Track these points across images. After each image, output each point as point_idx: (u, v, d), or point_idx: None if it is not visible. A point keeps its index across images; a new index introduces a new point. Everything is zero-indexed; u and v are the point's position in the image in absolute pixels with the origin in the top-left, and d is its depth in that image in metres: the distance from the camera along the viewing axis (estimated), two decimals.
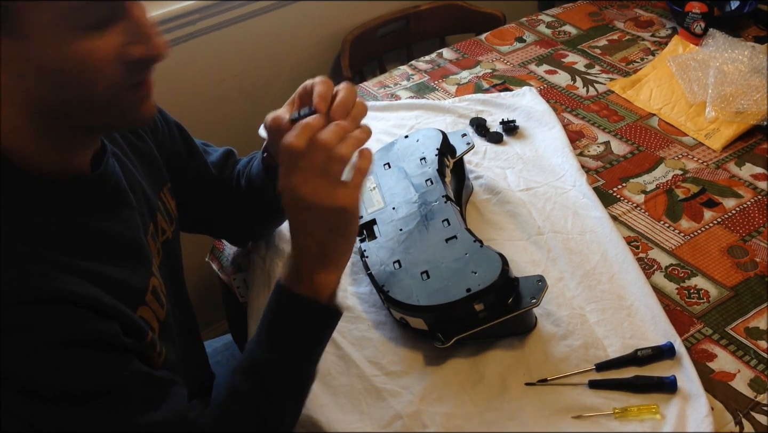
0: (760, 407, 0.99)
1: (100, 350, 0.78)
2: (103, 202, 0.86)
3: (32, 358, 0.74)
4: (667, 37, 1.78)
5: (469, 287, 1.01)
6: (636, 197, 1.34)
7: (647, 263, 1.21)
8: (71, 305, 0.75)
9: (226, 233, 1.27)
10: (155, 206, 0.99)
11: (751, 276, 1.18)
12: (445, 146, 1.26)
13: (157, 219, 0.99)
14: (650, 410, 0.97)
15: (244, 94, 2.03)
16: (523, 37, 1.84)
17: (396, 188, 1.22)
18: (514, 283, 1.03)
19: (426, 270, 1.06)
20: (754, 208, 1.30)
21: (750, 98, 1.48)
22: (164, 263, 0.98)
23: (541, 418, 0.98)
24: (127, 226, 0.89)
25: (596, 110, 1.56)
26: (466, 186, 1.32)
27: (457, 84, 1.67)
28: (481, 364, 1.04)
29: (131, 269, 0.86)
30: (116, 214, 0.88)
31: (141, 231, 0.91)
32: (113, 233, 0.86)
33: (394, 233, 1.15)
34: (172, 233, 1.03)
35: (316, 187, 0.85)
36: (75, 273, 0.77)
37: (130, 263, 0.87)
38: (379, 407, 1.00)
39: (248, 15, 1.92)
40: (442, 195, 1.17)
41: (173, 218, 1.05)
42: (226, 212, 1.18)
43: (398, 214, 1.17)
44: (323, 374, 1.04)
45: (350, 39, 2.10)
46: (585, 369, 1.03)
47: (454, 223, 1.12)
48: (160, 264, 0.96)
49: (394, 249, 1.12)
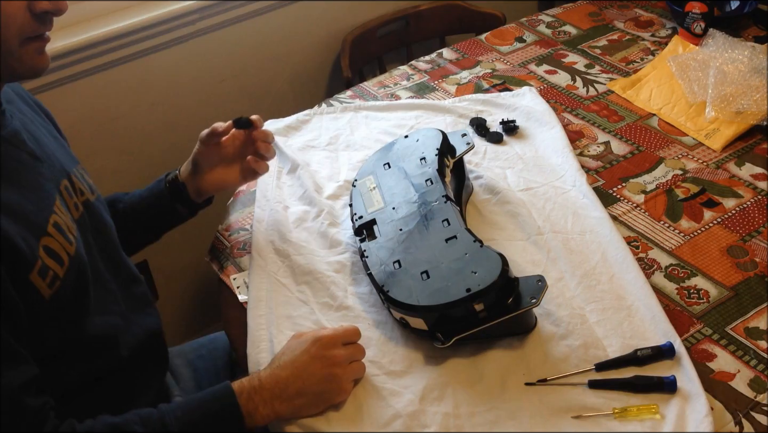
0: (760, 407, 0.99)
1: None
2: (1, 141, 0.97)
3: None
4: (667, 37, 1.78)
5: (469, 287, 1.01)
6: (636, 197, 1.34)
7: (647, 263, 1.21)
8: None
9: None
10: (69, 170, 1.09)
11: (751, 276, 1.18)
12: (445, 146, 1.27)
13: (71, 178, 1.09)
14: (650, 410, 0.97)
15: (244, 94, 2.03)
16: (523, 37, 1.84)
17: (396, 188, 1.22)
18: (514, 283, 1.03)
19: (426, 270, 1.06)
20: (754, 208, 1.30)
21: (750, 98, 1.48)
22: (86, 220, 1.09)
23: (540, 418, 0.98)
24: (26, 168, 0.99)
25: (596, 110, 1.56)
26: (466, 186, 1.32)
27: (457, 84, 1.67)
28: (481, 364, 1.04)
29: (30, 201, 0.96)
30: (13, 155, 0.98)
31: (43, 177, 1.01)
32: (11, 167, 0.96)
33: (394, 232, 1.15)
34: (95, 199, 1.14)
35: (346, 368, 1.01)
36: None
37: (29, 195, 0.97)
38: (379, 406, 1.00)
39: (248, 15, 1.92)
40: (442, 195, 1.17)
41: (93, 189, 1.15)
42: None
43: (398, 214, 1.17)
44: None
45: (350, 39, 2.10)
46: (585, 369, 1.03)
47: (454, 223, 1.12)
48: (79, 218, 1.07)
49: (394, 249, 1.12)
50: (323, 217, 1.30)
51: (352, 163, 1.42)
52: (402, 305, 1.04)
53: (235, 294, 1.23)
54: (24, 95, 1.13)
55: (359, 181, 1.29)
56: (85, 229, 1.08)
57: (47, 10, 0.92)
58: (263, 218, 1.33)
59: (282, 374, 1.00)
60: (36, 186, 1.00)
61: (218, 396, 0.99)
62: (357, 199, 1.25)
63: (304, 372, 0.99)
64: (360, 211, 1.22)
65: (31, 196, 0.97)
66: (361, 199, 1.24)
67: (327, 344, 1.01)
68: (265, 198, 1.37)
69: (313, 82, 2.15)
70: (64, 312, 0.98)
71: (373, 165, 1.31)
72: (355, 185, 1.29)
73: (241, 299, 1.21)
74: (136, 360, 1.11)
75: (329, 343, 1.01)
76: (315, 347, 1.00)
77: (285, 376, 0.99)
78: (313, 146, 1.48)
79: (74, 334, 1.01)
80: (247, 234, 1.33)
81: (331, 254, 1.24)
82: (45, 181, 1.02)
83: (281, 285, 1.19)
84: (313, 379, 0.99)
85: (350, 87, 1.73)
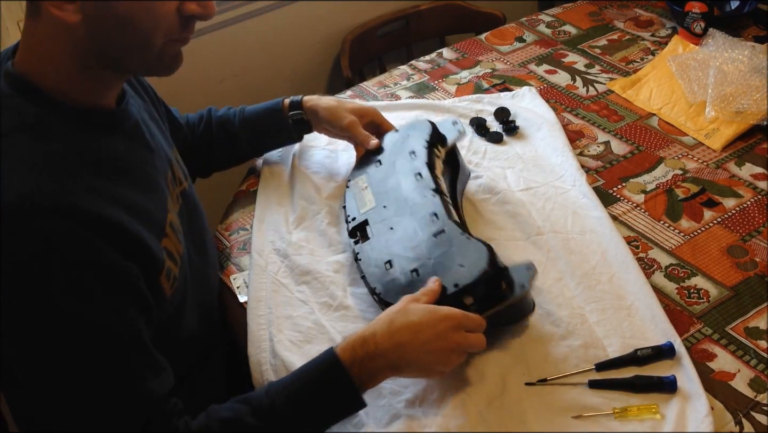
0: (760, 407, 0.99)
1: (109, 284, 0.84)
2: (125, 136, 0.97)
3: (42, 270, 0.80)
4: (667, 36, 1.78)
5: (456, 282, 1.00)
6: (636, 197, 1.34)
7: (647, 262, 1.21)
8: (100, 237, 0.83)
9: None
10: (170, 157, 1.10)
11: (751, 276, 1.18)
12: (434, 137, 1.25)
13: (173, 168, 1.09)
14: (650, 410, 0.97)
15: (244, 94, 2.03)
16: (523, 36, 1.84)
17: (387, 186, 1.21)
18: (503, 273, 1.01)
19: (416, 268, 1.05)
20: (754, 208, 1.30)
21: (750, 98, 1.48)
22: (183, 211, 1.09)
23: (541, 418, 0.98)
24: (147, 163, 1.00)
25: (596, 110, 1.56)
26: (461, 173, 1.30)
27: (457, 84, 1.67)
28: (481, 364, 1.04)
29: (152, 201, 0.97)
30: (136, 150, 0.99)
31: (158, 172, 1.02)
32: (135, 165, 0.97)
33: (385, 231, 1.14)
34: (188, 186, 1.15)
35: (460, 341, 0.96)
36: (104, 195, 0.86)
37: (151, 195, 0.98)
38: (379, 406, 1.00)
39: (248, 15, 1.93)
40: (431, 188, 1.15)
41: (186, 174, 1.16)
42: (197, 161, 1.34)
43: (389, 212, 1.16)
44: None
45: (350, 39, 2.10)
46: (585, 369, 1.03)
47: (442, 216, 1.10)
48: (179, 211, 1.07)
49: (385, 249, 1.11)
50: (323, 217, 1.30)
51: (352, 164, 1.42)
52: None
53: (235, 294, 1.23)
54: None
55: (352, 182, 1.28)
56: (183, 220, 1.08)
57: (195, 14, 0.91)
58: (263, 218, 1.33)
59: (402, 339, 0.95)
60: (154, 184, 1.00)
61: (325, 369, 0.94)
62: (350, 200, 1.24)
63: (424, 347, 0.95)
64: (353, 212, 1.21)
65: (152, 196, 0.98)
66: (354, 200, 1.23)
67: (456, 326, 0.96)
68: (265, 198, 1.37)
69: (313, 82, 2.15)
70: (173, 312, 0.99)
71: (366, 164, 1.30)
72: (348, 186, 1.28)
73: (241, 299, 1.21)
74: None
75: (458, 325, 0.96)
76: (444, 325, 0.95)
77: (405, 341, 0.95)
78: (312, 146, 1.48)
79: (173, 331, 1.01)
80: (247, 234, 1.33)
81: (331, 254, 1.24)
82: (159, 177, 1.02)
83: (281, 285, 1.19)
84: (430, 358, 0.95)
85: (350, 87, 1.73)
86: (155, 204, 0.97)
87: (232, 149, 1.38)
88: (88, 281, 0.83)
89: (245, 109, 1.38)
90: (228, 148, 1.38)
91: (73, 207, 0.82)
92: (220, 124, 1.36)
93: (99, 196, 0.86)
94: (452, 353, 0.96)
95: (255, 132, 1.37)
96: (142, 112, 1.07)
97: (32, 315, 0.81)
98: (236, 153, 1.41)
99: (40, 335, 0.82)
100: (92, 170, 0.88)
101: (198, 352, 1.12)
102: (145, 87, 1.17)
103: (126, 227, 0.86)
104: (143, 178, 0.98)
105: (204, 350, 1.14)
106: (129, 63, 0.92)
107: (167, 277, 0.95)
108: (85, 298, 0.83)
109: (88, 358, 0.84)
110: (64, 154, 0.86)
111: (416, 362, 0.96)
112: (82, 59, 0.88)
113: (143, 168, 0.99)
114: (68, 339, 0.82)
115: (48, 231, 0.80)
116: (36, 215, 0.80)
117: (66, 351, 0.83)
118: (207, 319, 1.13)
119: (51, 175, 0.83)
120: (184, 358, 1.05)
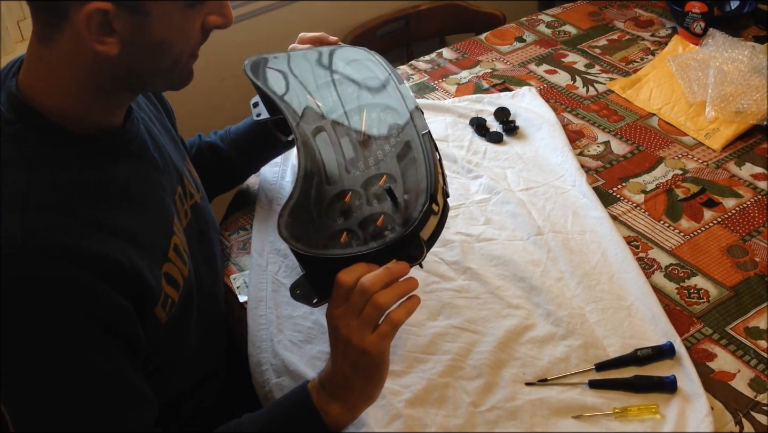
0: (760, 407, 0.99)
1: (93, 327, 0.82)
2: (131, 156, 0.93)
3: (27, 311, 0.78)
4: (667, 36, 1.78)
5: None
6: (636, 197, 1.34)
7: (647, 262, 1.21)
8: (90, 275, 0.80)
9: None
10: (182, 171, 1.07)
11: (751, 276, 1.18)
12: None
13: (184, 183, 1.06)
14: (650, 410, 0.97)
15: (244, 94, 2.02)
16: (523, 36, 1.84)
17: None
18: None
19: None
20: (754, 208, 1.30)
21: (750, 98, 1.48)
22: (193, 226, 1.06)
23: (541, 418, 0.98)
24: (152, 183, 0.96)
25: (596, 110, 1.56)
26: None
27: (457, 84, 1.67)
28: (481, 364, 1.04)
29: (155, 226, 0.94)
30: (142, 171, 0.95)
31: (165, 191, 0.98)
32: (138, 188, 0.93)
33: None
34: (200, 198, 1.12)
35: (350, 324, 0.86)
36: (100, 228, 0.83)
37: (154, 219, 0.94)
38: (379, 406, 1.00)
39: (248, 15, 1.93)
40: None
41: (199, 186, 1.13)
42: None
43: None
44: None
45: (350, 39, 2.10)
46: (585, 369, 1.03)
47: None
48: (187, 226, 1.04)
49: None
50: None
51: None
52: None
53: (235, 294, 1.23)
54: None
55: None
56: (191, 235, 1.05)
57: (217, 26, 0.89)
58: (263, 218, 1.33)
59: (328, 367, 0.92)
60: (159, 205, 0.97)
61: (293, 397, 0.94)
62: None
63: (334, 354, 0.90)
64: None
65: (155, 219, 0.95)
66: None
67: (333, 317, 0.88)
68: (265, 198, 1.37)
69: None
70: (171, 333, 0.95)
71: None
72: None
73: (241, 299, 1.21)
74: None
75: (333, 315, 0.88)
76: (330, 327, 0.89)
77: (329, 368, 0.91)
78: None
79: (175, 353, 0.99)
80: (247, 234, 1.33)
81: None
82: (166, 196, 0.99)
83: (281, 285, 1.19)
84: (341, 353, 0.88)
85: None
86: (158, 228, 0.94)
87: (229, 173, 1.35)
88: (72, 325, 0.80)
89: (230, 129, 1.34)
90: (224, 172, 1.33)
91: (63, 246, 0.79)
92: (211, 150, 1.31)
93: (94, 229, 0.83)
94: (350, 344, 0.86)
95: (245, 150, 1.32)
96: (153, 123, 1.05)
97: (10, 355, 0.79)
98: (234, 177, 1.38)
99: (19, 374, 0.80)
100: (90, 201, 0.85)
101: (201, 369, 1.09)
102: (158, 94, 1.15)
103: (121, 261, 0.83)
104: (146, 201, 0.94)
105: (208, 366, 1.11)
106: (155, 83, 0.92)
107: (163, 306, 0.92)
108: (66, 341, 0.80)
109: (67, 397, 0.82)
110: (62, 186, 0.83)
111: (349, 383, 0.90)
112: (100, 83, 0.86)
113: (147, 190, 0.95)
114: (47, 379, 0.81)
115: (35, 273, 0.78)
116: (25, 256, 0.78)
117: (45, 390, 0.81)
118: (211, 334, 1.10)
119: (45, 211, 0.80)
120: (185, 375, 1.04)
